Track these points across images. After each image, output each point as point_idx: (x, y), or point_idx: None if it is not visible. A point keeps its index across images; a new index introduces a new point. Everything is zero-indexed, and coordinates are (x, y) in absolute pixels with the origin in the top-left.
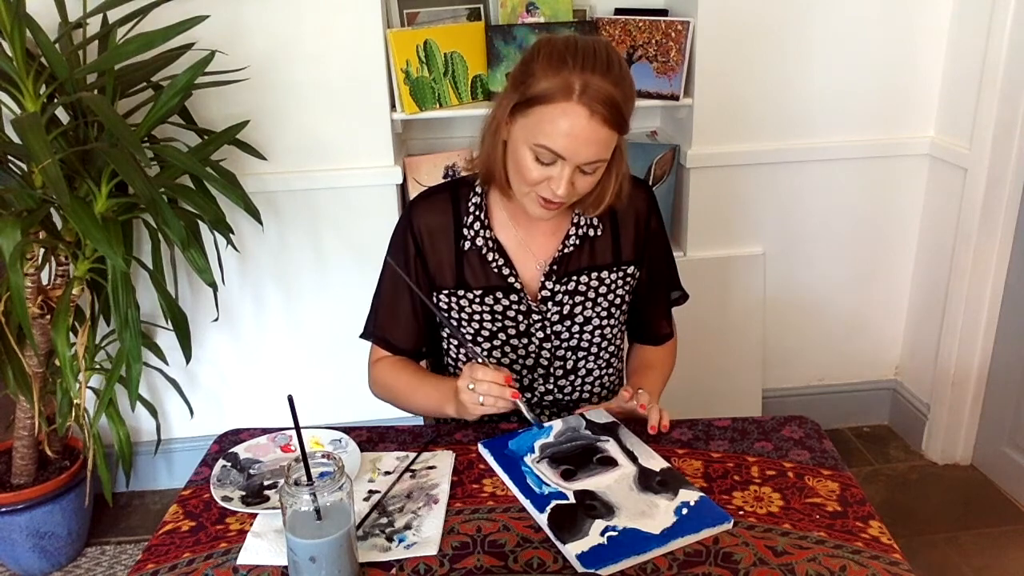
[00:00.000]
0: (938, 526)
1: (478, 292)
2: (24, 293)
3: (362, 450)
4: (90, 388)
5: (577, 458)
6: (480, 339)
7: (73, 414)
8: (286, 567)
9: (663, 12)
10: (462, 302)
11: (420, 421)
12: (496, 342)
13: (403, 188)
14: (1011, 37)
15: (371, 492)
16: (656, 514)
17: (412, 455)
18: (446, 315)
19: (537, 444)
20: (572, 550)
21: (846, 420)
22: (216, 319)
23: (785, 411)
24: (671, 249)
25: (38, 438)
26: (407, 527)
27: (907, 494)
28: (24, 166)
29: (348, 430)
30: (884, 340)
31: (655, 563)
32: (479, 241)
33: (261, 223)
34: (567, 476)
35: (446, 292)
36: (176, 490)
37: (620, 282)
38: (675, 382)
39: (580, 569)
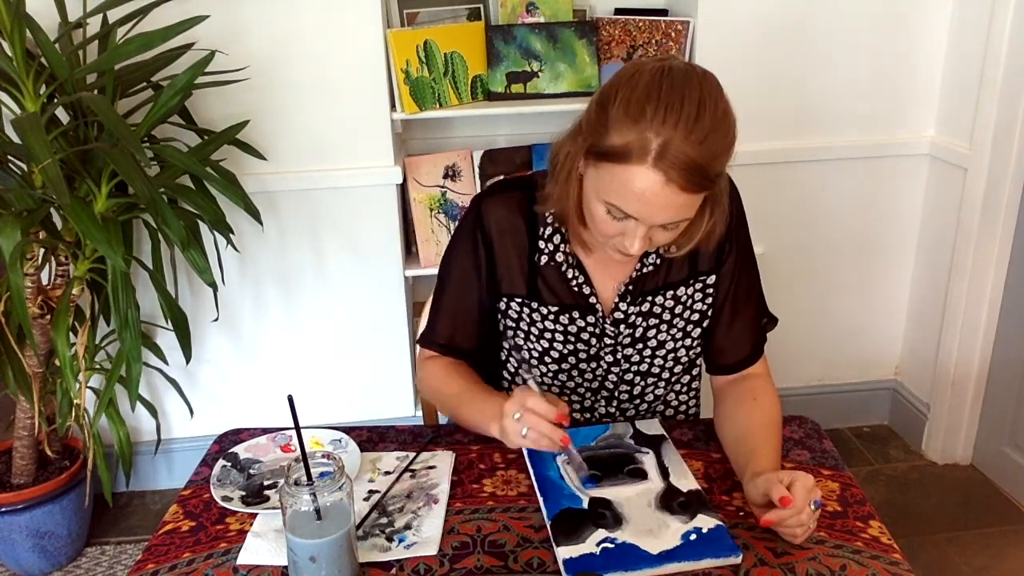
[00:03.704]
0: (938, 526)
1: (554, 309)
2: (24, 293)
3: (362, 450)
4: (90, 388)
5: (609, 465)
6: (548, 359)
7: (73, 414)
8: (286, 567)
9: (663, 12)
10: (534, 316)
11: (420, 421)
12: (564, 365)
13: (403, 188)
14: (1011, 37)
15: (371, 492)
16: (663, 535)
17: (412, 455)
18: (511, 331)
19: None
20: (562, 554)
21: (846, 420)
22: (216, 319)
23: (785, 411)
24: (755, 261)
25: (38, 438)
26: (407, 527)
27: (907, 494)
28: (24, 166)
29: (348, 430)
30: (884, 340)
31: None
32: (559, 256)
33: (261, 223)
34: (591, 480)
35: (518, 301)
36: (176, 490)
37: (697, 295)
38: None
39: (563, 573)
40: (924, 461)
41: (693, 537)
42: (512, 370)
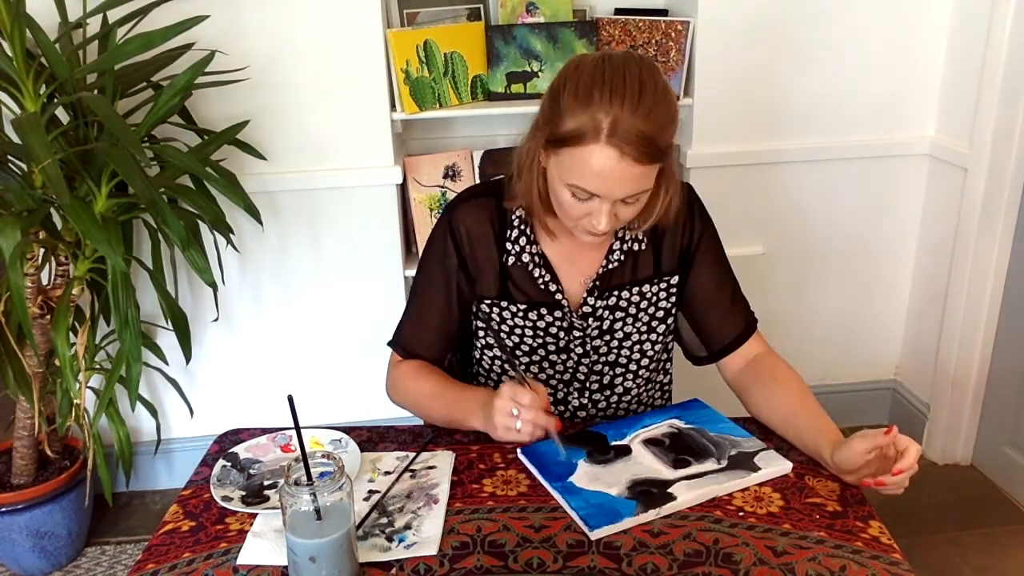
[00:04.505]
0: (938, 526)
1: (522, 306)
2: (24, 293)
3: (362, 450)
4: (90, 388)
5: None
6: (519, 353)
7: (73, 414)
8: (286, 567)
9: (663, 12)
10: (505, 314)
11: (420, 421)
12: (535, 357)
13: (403, 188)
14: (1011, 37)
15: (371, 492)
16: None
17: (412, 455)
18: (482, 330)
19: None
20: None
21: (846, 420)
22: (216, 319)
23: None
24: (725, 254)
25: (38, 438)
26: (407, 527)
27: (907, 494)
28: (24, 166)
29: (348, 430)
30: (884, 340)
31: (655, 563)
32: (525, 257)
33: (261, 223)
34: (679, 465)
35: (488, 302)
36: (176, 490)
37: (662, 294)
38: (676, 382)
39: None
40: (924, 461)
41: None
42: (486, 367)
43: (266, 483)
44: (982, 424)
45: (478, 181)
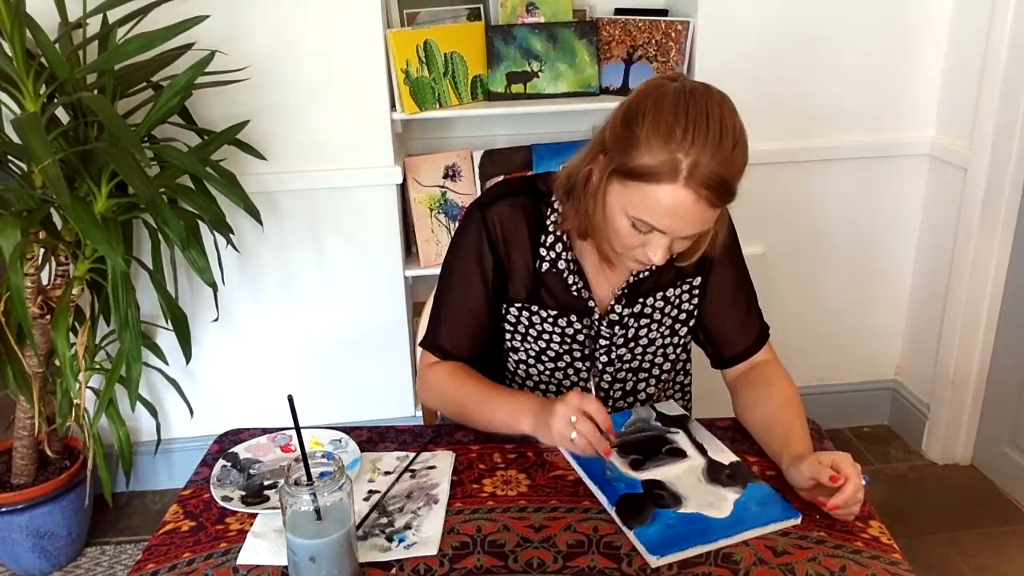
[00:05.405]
0: (938, 526)
1: (553, 312)
2: (24, 293)
3: (362, 450)
4: (90, 388)
5: (646, 448)
6: (544, 358)
7: (73, 414)
8: (286, 567)
9: (663, 12)
10: (534, 318)
11: (420, 421)
12: (560, 364)
13: (403, 188)
14: (1011, 37)
15: (371, 492)
16: (723, 506)
17: (412, 455)
18: (509, 334)
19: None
20: (639, 535)
21: (846, 420)
22: (216, 319)
23: None
24: (743, 258)
25: (38, 438)
26: (407, 527)
27: (907, 494)
28: (24, 166)
29: (348, 430)
30: (884, 340)
31: None
32: (560, 264)
33: (261, 223)
34: (636, 466)
35: (518, 305)
36: (176, 490)
37: (685, 296)
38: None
39: (649, 557)
40: (924, 461)
41: (752, 506)
42: (511, 369)
43: (266, 483)
44: (982, 424)
45: (478, 181)
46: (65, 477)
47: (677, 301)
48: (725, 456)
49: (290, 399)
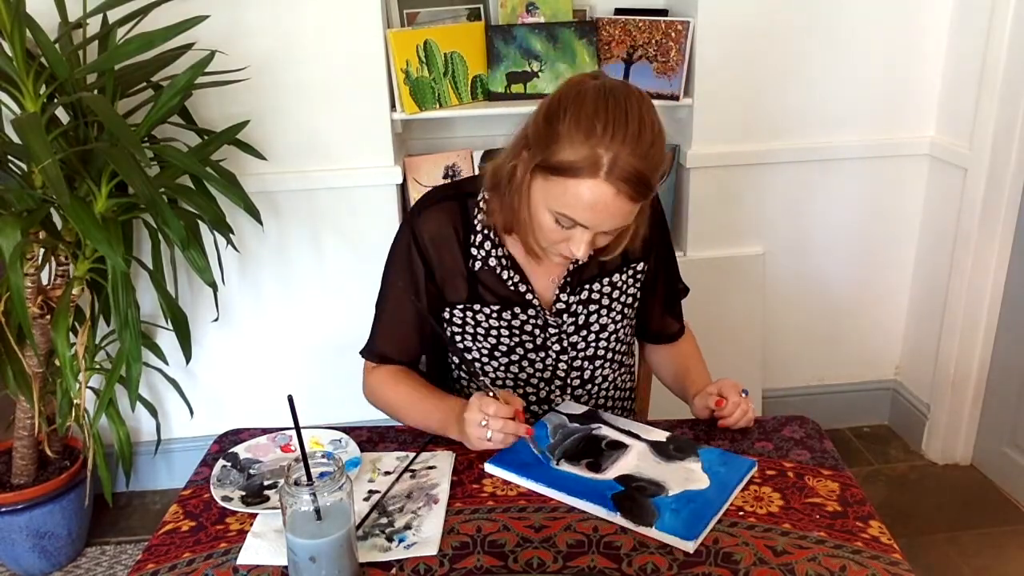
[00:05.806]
0: (938, 526)
1: (495, 307)
2: (24, 293)
3: (362, 450)
4: (90, 388)
5: (588, 450)
6: (497, 354)
7: (73, 414)
8: (286, 567)
9: (663, 12)
10: (478, 316)
11: None
12: (514, 356)
13: (403, 188)
14: (1011, 37)
15: (371, 492)
16: (698, 476)
17: (412, 455)
18: (458, 335)
19: (545, 449)
20: (663, 530)
21: (846, 420)
22: (216, 319)
23: (785, 411)
24: (673, 250)
25: (38, 438)
26: (407, 527)
27: (907, 494)
28: (24, 166)
29: (348, 430)
30: (884, 340)
31: (655, 563)
32: (491, 261)
33: (261, 223)
34: (593, 468)
35: (460, 307)
36: (176, 490)
37: (631, 280)
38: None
39: (684, 544)
40: (924, 461)
41: (719, 468)
42: (455, 376)
43: (266, 483)
44: (982, 424)
45: None
46: (65, 477)
47: (624, 286)
48: (657, 434)
49: (290, 399)
